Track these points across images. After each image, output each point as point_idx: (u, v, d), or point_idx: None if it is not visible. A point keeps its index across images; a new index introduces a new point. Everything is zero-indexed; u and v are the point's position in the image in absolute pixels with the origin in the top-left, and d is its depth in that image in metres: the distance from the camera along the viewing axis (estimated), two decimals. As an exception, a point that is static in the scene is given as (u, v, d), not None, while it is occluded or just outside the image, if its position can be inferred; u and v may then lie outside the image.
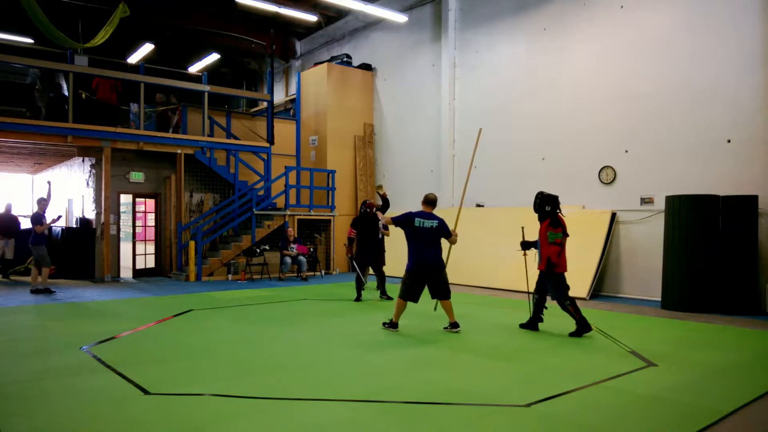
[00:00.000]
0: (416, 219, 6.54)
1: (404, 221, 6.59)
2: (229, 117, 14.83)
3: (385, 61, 15.98)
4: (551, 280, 6.64)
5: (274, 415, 3.86)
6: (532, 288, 7.19)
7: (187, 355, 5.59)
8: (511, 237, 11.66)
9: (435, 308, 7.44)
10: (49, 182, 11.78)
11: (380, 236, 9.44)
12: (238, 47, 18.27)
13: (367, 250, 9.41)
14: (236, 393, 4.26)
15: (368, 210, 9.38)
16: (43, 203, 10.47)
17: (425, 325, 7.33)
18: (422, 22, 14.67)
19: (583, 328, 6.51)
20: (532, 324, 6.94)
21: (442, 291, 6.70)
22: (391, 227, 7.78)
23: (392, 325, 6.74)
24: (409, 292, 6.62)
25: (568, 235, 6.71)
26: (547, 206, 6.79)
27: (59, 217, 11.39)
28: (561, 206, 7.04)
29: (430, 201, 6.81)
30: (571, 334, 6.55)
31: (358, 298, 9.38)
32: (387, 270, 9.82)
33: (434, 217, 6.62)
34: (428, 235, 6.54)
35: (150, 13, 15.30)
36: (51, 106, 12.06)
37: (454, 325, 6.74)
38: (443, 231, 6.65)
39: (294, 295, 10.31)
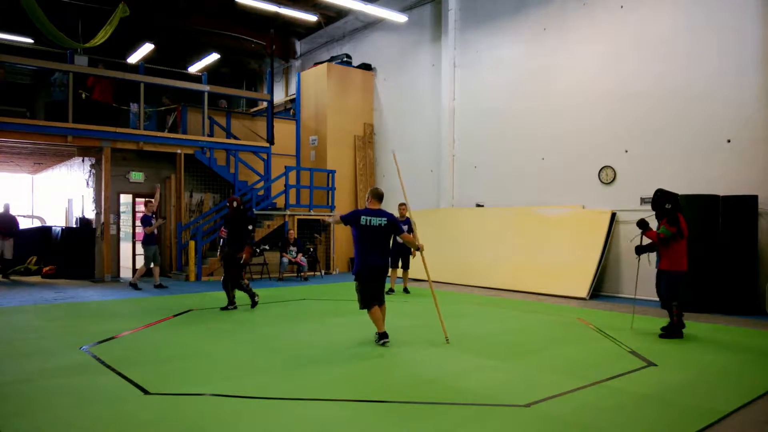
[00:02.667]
0: (362, 217, 5.91)
1: (351, 219, 6.00)
2: (229, 117, 14.82)
3: (385, 61, 15.98)
4: (669, 278, 6.53)
5: (274, 415, 3.86)
6: (638, 293, 7.24)
7: (187, 355, 5.59)
8: (511, 237, 11.71)
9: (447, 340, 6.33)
10: (157, 186, 12.07)
11: (243, 236, 8.41)
12: (238, 47, 18.26)
13: (228, 252, 8.35)
14: (236, 393, 4.26)
15: (240, 206, 8.50)
16: (150, 206, 10.88)
17: (426, 325, 7.33)
18: (422, 22, 14.67)
19: (674, 332, 6.45)
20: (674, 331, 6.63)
21: (380, 296, 6.11)
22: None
23: (382, 336, 5.99)
24: (368, 299, 5.97)
25: (683, 237, 6.50)
26: (666, 203, 6.55)
27: (164, 219, 11.56)
28: (563, 206, 6.94)
29: (376, 196, 6.09)
30: (662, 336, 6.49)
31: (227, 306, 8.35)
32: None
33: (382, 214, 5.97)
34: (375, 235, 5.91)
35: (150, 13, 15.30)
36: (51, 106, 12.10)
37: (381, 336, 5.95)
38: (393, 228, 6.02)
39: (294, 295, 10.31)
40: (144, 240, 10.81)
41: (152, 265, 10.92)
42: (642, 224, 6.77)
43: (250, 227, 8.48)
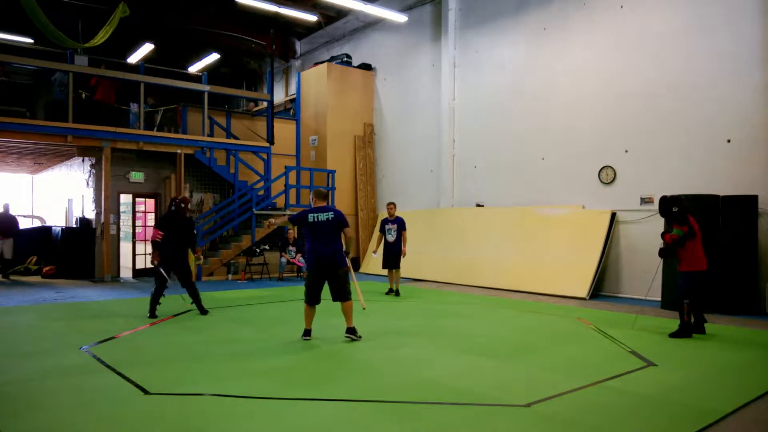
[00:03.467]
0: (310, 215, 6.21)
1: (299, 219, 6.35)
2: (229, 117, 14.82)
3: (385, 61, 15.98)
4: (686, 278, 6.61)
5: (274, 415, 3.86)
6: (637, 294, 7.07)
7: (187, 355, 5.58)
8: (511, 237, 11.71)
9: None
10: (187, 184, 12.27)
11: (191, 241, 7.99)
12: (238, 47, 18.25)
13: (171, 256, 7.76)
14: (236, 393, 4.26)
15: (181, 206, 7.88)
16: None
17: (426, 325, 7.33)
18: (422, 22, 14.67)
19: (683, 333, 6.49)
20: (697, 327, 6.74)
21: (340, 291, 6.18)
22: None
23: (305, 333, 6.23)
24: (310, 294, 6.19)
25: (695, 235, 6.59)
26: (673, 207, 6.67)
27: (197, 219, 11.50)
28: (563, 206, 6.96)
29: (321, 195, 6.49)
30: (672, 335, 6.52)
31: (153, 314, 7.62)
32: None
33: (328, 210, 6.26)
34: (324, 229, 6.13)
35: (150, 13, 15.30)
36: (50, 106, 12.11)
37: (350, 331, 6.23)
38: (340, 222, 6.21)
39: (294, 295, 10.31)
40: None
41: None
42: (663, 252, 6.93)
43: (195, 231, 8.22)
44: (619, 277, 10.38)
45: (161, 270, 7.69)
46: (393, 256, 10.15)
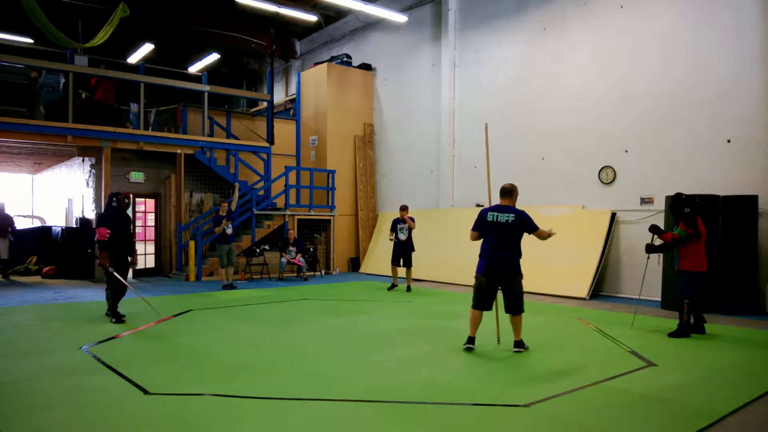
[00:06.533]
0: (489, 213, 5.73)
1: (478, 221, 5.79)
2: (229, 117, 14.83)
3: (385, 61, 15.98)
4: (687, 277, 6.62)
5: (274, 415, 3.86)
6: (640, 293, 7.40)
7: (187, 355, 5.59)
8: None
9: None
10: (235, 184, 12.23)
11: (130, 239, 7.66)
12: (238, 47, 18.26)
13: (118, 254, 7.40)
14: (236, 393, 4.26)
15: (125, 201, 7.52)
16: (223, 207, 11.20)
17: (426, 325, 7.33)
18: (422, 22, 14.67)
19: (682, 332, 6.52)
20: (697, 327, 6.74)
21: (511, 303, 5.69)
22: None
23: (468, 341, 5.79)
24: (480, 298, 5.74)
25: (700, 237, 6.61)
26: (686, 207, 6.65)
27: (228, 219, 11.19)
28: (563, 206, 6.96)
29: (504, 192, 5.85)
30: (671, 335, 6.55)
31: (119, 318, 7.34)
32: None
33: (511, 210, 5.69)
34: (502, 231, 5.62)
35: (150, 13, 15.31)
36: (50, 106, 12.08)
37: (518, 344, 5.75)
38: (524, 225, 5.69)
39: (294, 295, 10.31)
40: (216, 239, 11.23)
41: (219, 266, 11.23)
42: (654, 229, 6.92)
43: (132, 230, 7.91)
44: (619, 277, 10.38)
45: (115, 273, 7.27)
46: (405, 254, 10.45)
